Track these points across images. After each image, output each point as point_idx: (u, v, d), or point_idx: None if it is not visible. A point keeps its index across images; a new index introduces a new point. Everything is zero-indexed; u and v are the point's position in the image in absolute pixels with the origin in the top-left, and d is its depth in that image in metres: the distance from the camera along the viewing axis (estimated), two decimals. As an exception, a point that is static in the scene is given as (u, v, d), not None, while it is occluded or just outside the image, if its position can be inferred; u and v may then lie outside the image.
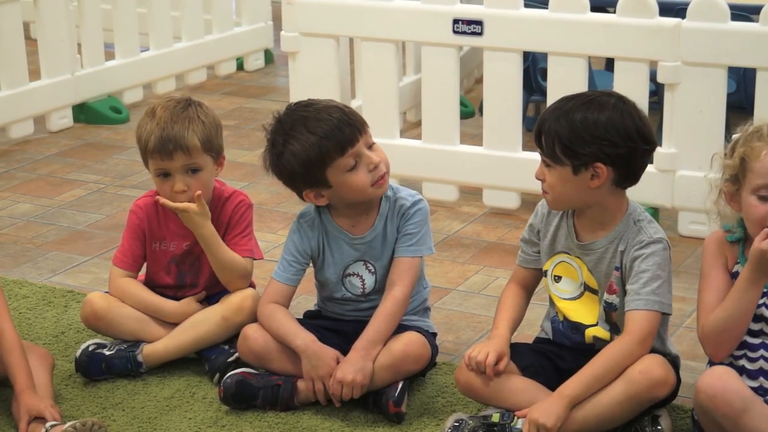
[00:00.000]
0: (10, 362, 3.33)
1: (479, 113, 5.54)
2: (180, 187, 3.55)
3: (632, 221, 3.23)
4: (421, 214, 3.46)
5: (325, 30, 4.94)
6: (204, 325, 3.60)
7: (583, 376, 3.15)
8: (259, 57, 7.13)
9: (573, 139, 3.13)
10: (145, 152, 3.57)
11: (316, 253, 3.52)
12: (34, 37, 6.29)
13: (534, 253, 3.39)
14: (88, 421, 3.17)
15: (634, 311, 3.17)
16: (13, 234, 4.74)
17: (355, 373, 3.31)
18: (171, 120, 3.54)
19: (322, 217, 3.50)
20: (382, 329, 3.38)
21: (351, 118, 3.37)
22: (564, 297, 3.33)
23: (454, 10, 4.70)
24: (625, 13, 4.44)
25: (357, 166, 3.36)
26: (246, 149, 5.69)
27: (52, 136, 5.91)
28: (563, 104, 3.19)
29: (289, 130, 3.37)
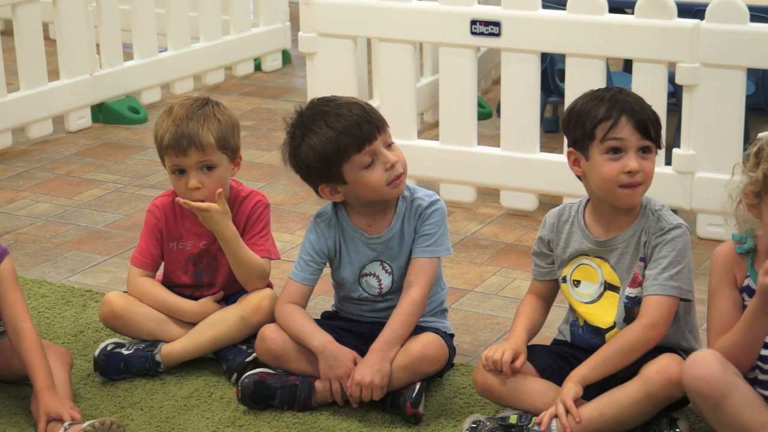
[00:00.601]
0: (29, 361, 3.34)
1: (497, 114, 5.55)
2: (194, 183, 3.56)
3: (650, 212, 3.24)
4: (438, 214, 3.46)
5: (342, 31, 4.95)
6: (222, 324, 3.60)
7: (593, 359, 3.17)
8: (276, 58, 7.14)
9: (657, 118, 3.21)
10: (161, 149, 3.59)
11: (332, 253, 3.52)
12: (53, 37, 6.31)
13: (547, 265, 3.39)
14: (107, 421, 3.18)
15: (650, 296, 3.18)
16: (32, 233, 4.75)
17: (372, 375, 3.32)
18: (186, 117, 3.56)
19: (338, 216, 3.51)
20: (399, 330, 3.39)
21: (371, 116, 3.38)
22: (584, 301, 3.32)
23: (471, 11, 4.70)
24: (643, 14, 4.44)
25: (373, 164, 3.37)
26: (263, 150, 5.70)
27: (70, 136, 5.93)
28: (617, 91, 3.23)
29: (309, 123, 3.39)
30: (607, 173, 3.17)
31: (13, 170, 5.46)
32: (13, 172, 5.45)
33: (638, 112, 3.17)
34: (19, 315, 3.38)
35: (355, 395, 3.34)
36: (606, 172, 3.17)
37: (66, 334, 3.88)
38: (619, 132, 3.16)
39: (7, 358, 3.47)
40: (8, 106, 5.60)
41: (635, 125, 3.16)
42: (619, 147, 3.16)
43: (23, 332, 3.36)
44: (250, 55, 6.97)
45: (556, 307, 3.77)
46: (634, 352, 3.16)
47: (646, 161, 3.17)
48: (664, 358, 3.14)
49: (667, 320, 3.18)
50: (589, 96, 3.26)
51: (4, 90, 5.59)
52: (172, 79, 6.46)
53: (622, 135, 3.16)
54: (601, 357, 3.17)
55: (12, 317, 3.38)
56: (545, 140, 5.06)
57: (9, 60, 5.67)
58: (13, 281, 3.42)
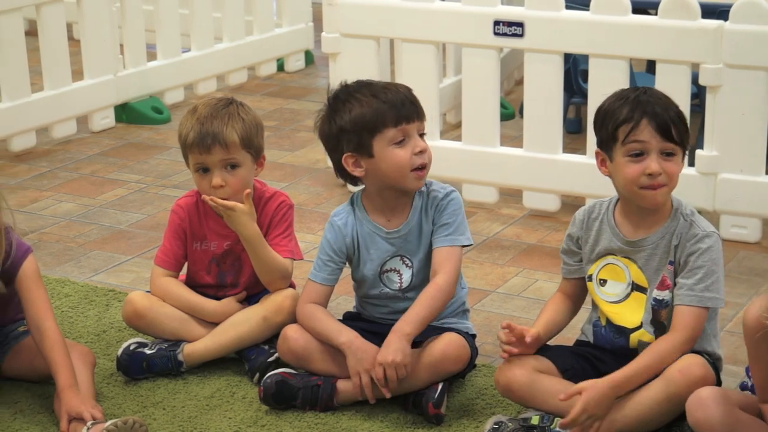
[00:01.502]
0: (52, 359, 3.35)
1: (519, 115, 5.54)
2: (217, 181, 3.57)
3: (681, 215, 3.23)
4: (454, 204, 3.47)
5: (365, 31, 4.95)
6: (244, 325, 3.61)
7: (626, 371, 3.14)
8: (299, 58, 7.15)
9: (682, 119, 3.19)
10: (185, 147, 3.60)
11: (351, 251, 3.53)
12: (77, 37, 6.32)
13: (575, 262, 3.38)
14: (129, 420, 3.19)
15: (685, 306, 3.17)
16: (56, 233, 4.77)
17: (394, 353, 3.30)
18: (211, 116, 3.57)
19: (356, 213, 3.51)
20: (422, 312, 3.36)
21: (415, 100, 3.44)
22: (610, 300, 3.31)
23: (495, 11, 4.69)
24: (666, 15, 4.43)
25: (404, 143, 3.38)
26: (287, 150, 5.71)
27: (94, 136, 5.96)
28: (649, 95, 3.20)
29: (354, 91, 3.42)
30: (629, 175, 3.16)
31: (37, 170, 5.49)
32: (37, 171, 5.47)
33: (659, 114, 3.15)
34: (42, 313, 3.39)
35: (379, 376, 3.32)
36: (628, 173, 3.16)
37: (89, 334, 3.89)
38: (640, 134, 3.15)
39: (31, 358, 3.49)
40: (32, 106, 5.62)
41: (656, 127, 3.14)
42: (640, 149, 3.15)
43: (46, 331, 3.37)
44: (273, 55, 6.98)
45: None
46: (666, 363, 3.15)
47: (669, 163, 3.16)
48: (687, 359, 3.14)
49: (700, 331, 3.20)
50: (616, 96, 3.25)
51: (29, 90, 5.61)
52: (196, 80, 6.47)
53: (642, 137, 3.15)
54: (634, 370, 3.15)
55: (35, 316, 3.39)
56: (568, 141, 5.05)
57: (33, 60, 5.69)
58: (37, 279, 3.43)
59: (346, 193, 5.10)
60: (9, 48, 5.48)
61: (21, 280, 3.40)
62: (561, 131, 4.77)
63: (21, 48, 5.54)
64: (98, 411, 3.28)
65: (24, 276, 3.40)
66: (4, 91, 5.52)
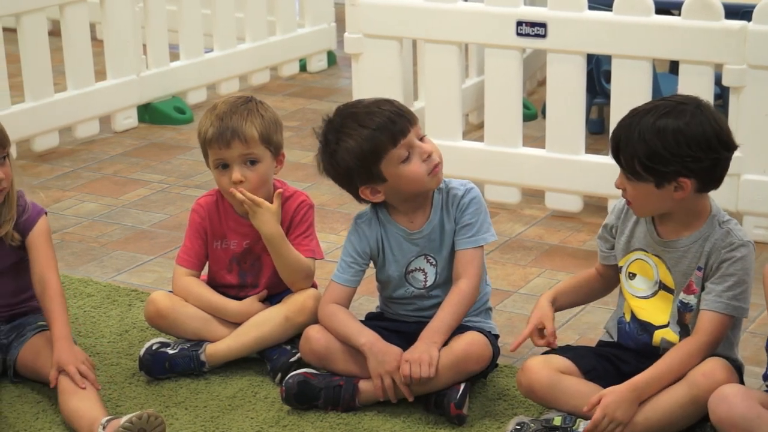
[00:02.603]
0: (51, 309, 3.48)
1: (542, 116, 5.53)
2: (237, 177, 3.57)
3: (717, 222, 3.21)
4: (475, 202, 3.47)
5: (388, 32, 4.95)
6: (267, 325, 3.61)
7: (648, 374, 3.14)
8: (321, 58, 7.15)
9: (654, 158, 3.09)
10: (205, 143, 3.61)
11: (375, 253, 3.53)
12: (100, 38, 6.34)
13: (607, 249, 3.38)
14: (144, 414, 3.19)
15: (711, 312, 3.16)
16: (79, 233, 4.79)
17: (421, 353, 3.32)
18: (230, 111, 3.59)
19: (379, 216, 3.51)
20: (447, 319, 3.39)
21: (401, 110, 3.41)
22: (637, 295, 3.31)
23: (517, 12, 4.69)
24: (690, 15, 4.41)
25: (410, 157, 3.38)
26: (309, 150, 5.70)
27: (117, 136, 5.97)
28: (638, 119, 3.13)
29: (341, 127, 3.40)
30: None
31: (60, 170, 5.51)
32: (60, 171, 5.49)
33: (614, 142, 3.15)
34: (47, 267, 3.52)
35: (405, 373, 3.32)
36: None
37: (111, 333, 3.90)
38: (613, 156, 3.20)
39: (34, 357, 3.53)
40: (55, 106, 5.64)
41: (611, 151, 3.18)
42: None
43: (49, 281, 3.50)
44: (296, 55, 6.99)
45: (601, 308, 3.77)
46: (687, 367, 3.15)
47: (630, 184, 3.16)
48: (711, 362, 3.13)
49: (723, 337, 3.19)
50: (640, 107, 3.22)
51: (52, 90, 5.63)
52: (218, 80, 6.48)
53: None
54: (655, 373, 3.15)
55: (40, 269, 3.51)
56: (590, 142, 5.04)
57: (56, 60, 5.71)
58: (47, 238, 3.57)
59: (368, 193, 5.09)
60: (32, 48, 5.50)
61: (31, 238, 3.54)
62: (583, 132, 4.76)
63: (44, 48, 5.55)
64: (87, 367, 3.37)
65: (35, 234, 3.54)
66: (27, 91, 5.55)
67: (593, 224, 4.67)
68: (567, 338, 3.73)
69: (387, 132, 3.35)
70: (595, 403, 3.12)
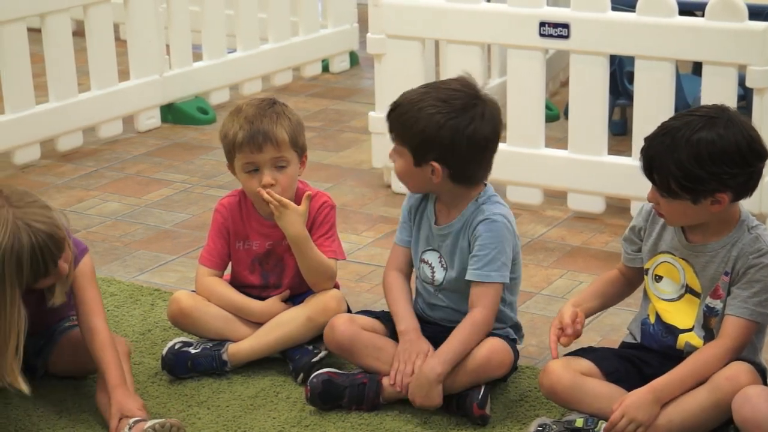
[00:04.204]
0: (102, 358, 3.37)
1: (564, 116, 5.52)
2: (268, 180, 3.58)
3: (746, 228, 3.19)
4: (488, 237, 3.39)
5: (410, 32, 4.95)
6: (289, 325, 3.62)
7: (669, 377, 3.13)
8: (344, 59, 7.16)
9: (690, 178, 3.07)
10: (233, 147, 3.61)
11: (411, 219, 3.56)
12: (123, 38, 6.37)
13: (633, 251, 3.36)
14: (167, 423, 3.20)
15: (735, 317, 3.15)
16: (102, 232, 4.81)
17: (419, 397, 3.34)
18: (260, 115, 3.59)
19: (428, 194, 3.54)
20: (457, 349, 3.35)
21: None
22: (663, 297, 3.29)
23: (540, 12, 4.68)
24: (713, 16, 4.40)
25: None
26: (331, 151, 5.71)
27: (140, 136, 5.99)
28: (670, 137, 3.10)
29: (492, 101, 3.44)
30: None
31: (84, 170, 5.53)
32: (84, 171, 5.51)
33: (647, 162, 3.12)
34: (93, 313, 3.42)
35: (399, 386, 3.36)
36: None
37: (134, 333, 3.92)
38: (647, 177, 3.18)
39: (73, 350, 3.53)
40: (79, 106, 5.66)
41: (644, 171, 3.15)
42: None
43: (96, 329, 3.40)
44: (318, 56, 6.99)
45: (624, 310, 3.76)
46: (710, 371, 3.14)
47: (664, 200, 3.14)
48: (734, 366, 3.12)
49: (746, 343, 3.18)
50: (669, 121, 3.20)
51: (76, 90, 5.65)
52: (241, 80, 6.50)
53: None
54: (677, 376, 3.14)
55: (86, 314, 3.42)
56: (613, 143, 5.03)
57: (80, 60, 5.73)
58: (91, 279, 3.45)
59: (390, 194, 5.11)
60: (57, 48, 5.53)
61: (76, 279, 3.42)
62: (606, 133, 4.75)
63: (68, 48, 5.58)
64: (144, 410, 3.31)
65: (80, 274, 3.42)
66: (51, 91, 5.57)
67: (616, 225, 4.66)
68: (589, 340, 3.72)
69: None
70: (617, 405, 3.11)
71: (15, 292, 3.15)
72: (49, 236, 3.17)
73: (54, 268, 3.23)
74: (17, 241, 3.11)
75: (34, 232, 3.14)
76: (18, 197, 3.20)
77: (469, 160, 3.38)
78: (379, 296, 4.07)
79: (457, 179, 3.41)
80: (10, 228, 3.11)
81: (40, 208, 3.21)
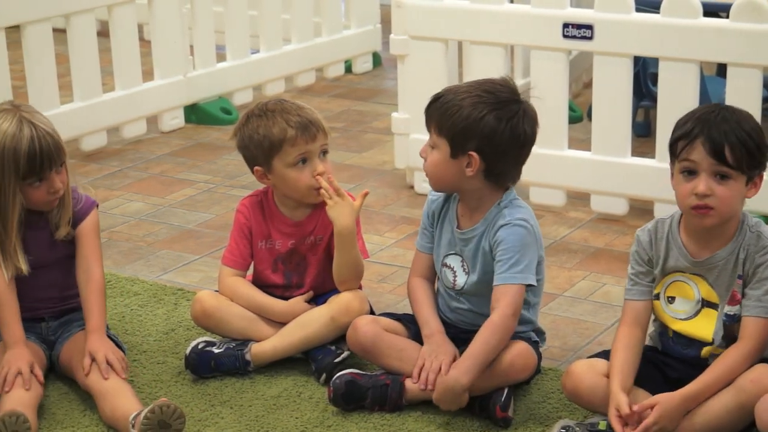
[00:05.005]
0: (90, 300, 3.55)
1: (587, 118, 5.51)
2: (321, 168, 3.61)
3: (747, 228, 3.19)
4: (509, 242, 3.37)
5: (434, 33, 4.95)
6: (312, 325, 3.62)
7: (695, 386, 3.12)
8: (367, 60, 7.16)
9: (761, 146, 3.09)
10: (281, 143, 3.58)
11: (433, 224, 3.56)
12: (147, 38, 6.38)
13: (649, 282, 3.29)
14: (155, 407, 3.20)
15: (753, 318, 3.14)
16: (126, 232, 4.82)
17: (445, 403, 3.33)
18: (295, 107, 3.64)
19: (451, 195, 3.54)
20: (479, 358, 3.30)
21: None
22: (679, 318, 3.26)
23: (564, 14, 4.67)
24: (738, 18, 4.38)
25: None
26: (354, 151, 5.72)
27: (163, 136, 6.01)
28: (726, 112, 3.10)
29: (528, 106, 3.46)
30: (680, 192, 3.13)
31: (108, 169, 5.55)
32: (108, 171, 5.53)
33: (716, 136, 3.06)
34: (93, 260, 3.60)
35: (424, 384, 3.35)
36: (679, 191, 3.13)
37: (157, 332, 3.93)
38: (692, 153, 3.08)
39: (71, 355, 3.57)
40: (103, 107, 5.68)
41: (709, 149, 3.06)
42: (691, 168, 3.10)
43: (93, 275, 3.58)
44: (341, 57, 7.00)
45: (646, 312, 3.74)
46: (735, 374, 3.12)
47: (721, 186, 3.08)
48: (759, 368, 3.11)
49: (767, 341, 3.16)
50: (694, 111, 3.18)
51: (100, 90, 5.68)
52: (264, 81, 6.51)
53: (693, 157, 3.08)
54: (705, 383, 3.13)
55: (86, 260, 3.58)
56: (636, 144, 5.02)
57: (105, 61, 5.76)
58: (95, 231, 3.64)
59: (413, 194, 5.11)
60: (81, 48, 5.55)
61: (81, 229, 3.60)
62: (629, 134, 4.74)
63: (93, 49, 5.60)
64: (115, 356, 3.43)
65: (85, 226, 3.60)
66: (76, 91, 5.59)
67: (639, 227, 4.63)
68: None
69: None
70: (647, 407, 3.09)
71: (13, 179, 3.40)
72: (49, 135, 3.42)
73: (48, 173, 3.43)
74: (19, 130, 3.39)
75: (36, 128, 3.41)
76: (28, 107, 3.50)
77: (506, 153, 3.37)
78: (401, 297, 4.07)
79: (489, 175, 3.39)
80: (15, 120, 3.40)
81: (47, 120, 3.49)
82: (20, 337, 3.48)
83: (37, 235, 3.55)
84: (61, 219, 3.55)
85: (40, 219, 3.55)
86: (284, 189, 3.67)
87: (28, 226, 3.51)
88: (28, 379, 3.37)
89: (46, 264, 3.58)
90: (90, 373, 3.43)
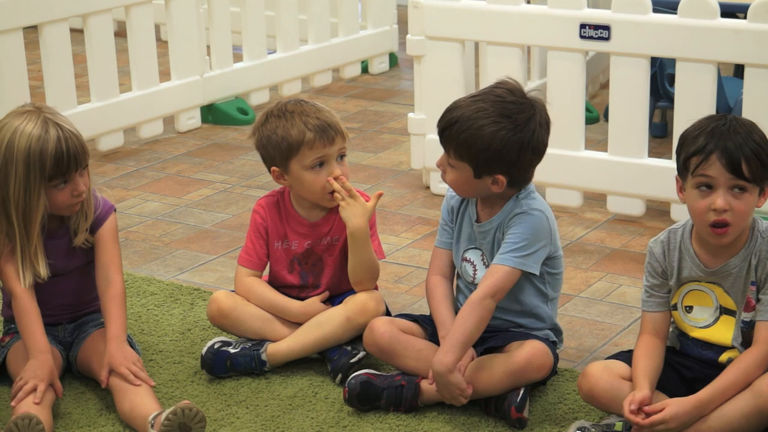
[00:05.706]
0: (109, 309, 3.52)
1: (604, 119, 5.51)
2: (338, 171, 3.60)
3: (759, 234, 3.18)
4: (522, 227, 3.38)
5: (450, 34, 4.95)
6: (328, 325, 3.63)
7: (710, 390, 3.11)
8: (383, 60, 7.16)
9: (763, 156, 3.07)
10: (300, 145, 3.58)
11: (453, 220, 3.56)
12: (164, 39, 6.40)
13: (665, 294, 3.28)
14: (177, 409, 3.20)
15: (766, 322, 3.13)
16: (142, 232, 4.83)
17: (439, 387, 3.32)
18: (314, 110, 3.63)
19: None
20: (459, 339, 3.30)
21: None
22: (699, 326, 3.25)
23: (581, 14, 4.67)
24: (756, 18, 4.37)
25: None
26: (370, 152, 5.72)
27: (180, 136, 6.02)
28: (735, 124, 3.08)
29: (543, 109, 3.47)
30: (697, 208, 3.11)
31: (125, 169, 5.56)
32: (125, 171, 5.54)
33: (732, 150, 3.04)
34: (112, 266, 3.58)
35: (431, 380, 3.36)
36: (696, 206, 3.11)
37: (174, 332, 3.94)
38: (708, 169, 3.06)
39: (89, 354, 3.58)
40: (120, 107, 5.70)
41: (726, 163, 3.04)
42: (708, 183, 3.08)
43: (112, 282, 3.56)
44: (358, 57, 7.00)
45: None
46: (751, 379, 3.12)
47: (738, 200, 3.06)
48: (776, 373, 3.10)
49: None
50: (698, 123, 3.16)
51: (117, 90, 5.69)
52: (281, 81, 6.51)
53: (710, 172, 3.06)
54: (719, 388, 3.12)
55: (106, 267, 3.57)
56: (653, 145, 5.02)
57: (122, 61, 5.77)
58: (114, 238, 3.62)
59: (429, 195, 5.11)
60: (98, 49, 5.56)
61: (100, 235, 3.59)
62: (646, 135, 4.73)
63: (110, 49, 5.61)
64: (138, 366, 3.41)
65: (104, 231, 3.59)
66: (93, 91, 5.61)
67: (656, 228, 4.64)
68: (629, 344, 3.71)
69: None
70: (658, 410, 3.09)
71: (38, 180, 3.38)
72: (75, 136, 3.41)
73: (73, 174, 3.42)
74: (45, 132, 3.37)
75: (62, 129, 3.40)
76: (50, 108, 3.48)
77: (531, 165, 3.43)
78: (417, 297, 4.07)
79: (514, 184, 3.42)
80: (40, 122, 3.39)
81: (70, 122, 3.47)
82: (44, 346, 3.43)
83: (56, 244, 3.54)
84: (81, 225, 3.54)
85: (60, 227, 3.54)
86: (300, 191, 3.67)
87: (47, 235, 3.50)
88: (40, 397, 3.33)
89: (64, 272, 3.58)
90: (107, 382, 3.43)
